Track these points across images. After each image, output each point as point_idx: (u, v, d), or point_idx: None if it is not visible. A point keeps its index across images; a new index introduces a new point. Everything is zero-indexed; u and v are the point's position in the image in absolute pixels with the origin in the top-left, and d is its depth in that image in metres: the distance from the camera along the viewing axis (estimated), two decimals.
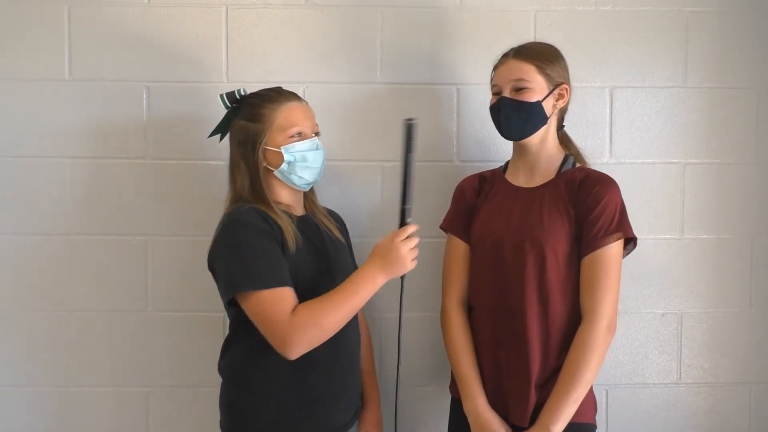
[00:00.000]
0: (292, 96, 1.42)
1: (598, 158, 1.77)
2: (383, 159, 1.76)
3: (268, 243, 1.29)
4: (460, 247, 1.54)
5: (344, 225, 1.60)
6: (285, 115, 1.38)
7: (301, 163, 1.39)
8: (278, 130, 1.37)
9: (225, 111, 1.45)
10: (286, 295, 1.27)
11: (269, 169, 1.39)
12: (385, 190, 1.77)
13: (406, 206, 1.33)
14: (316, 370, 1.35)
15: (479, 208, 1.53)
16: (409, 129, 1.29)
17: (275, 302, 1.25)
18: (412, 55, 1.75)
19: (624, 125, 1.78)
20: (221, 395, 1.42)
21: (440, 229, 1.64)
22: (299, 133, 1.39)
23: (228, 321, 1.43)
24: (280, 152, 1.37)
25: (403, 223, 1.34)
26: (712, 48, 1.78)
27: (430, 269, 1.74)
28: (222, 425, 1.41)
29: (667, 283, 1.80)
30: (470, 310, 1.54)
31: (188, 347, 1.76)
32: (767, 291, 1.81)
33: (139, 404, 1.76)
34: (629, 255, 1.75)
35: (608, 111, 1.78)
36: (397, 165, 1.74)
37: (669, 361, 1.81)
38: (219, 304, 1.42)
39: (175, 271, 1.75)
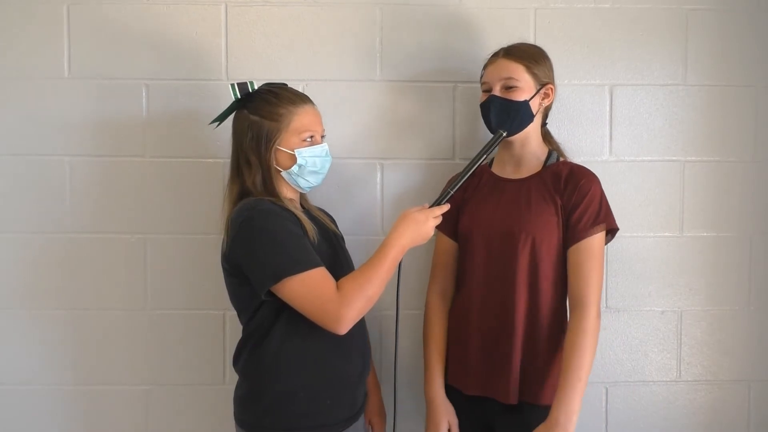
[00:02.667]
0: (307, 98, 1.44)
1: (598, 156, 1.77)
2: (382, 157, 1.76)
3: (295, 228, 1.32)
4: (446, 243, 1.62)
5: (335, 222, 1.61)
6: (301, 118, 1.39)
7: (311, 167, 1.40)
8: (294, 132, 1.38)
9: (226, 104, 1.43)
10: (326, 274, 1.30)
11: (277, 169, 1.40)
12: (384, 188, 1.77)
13: (452, 191, 1.42)
14: (341, 355, 1.38)
15: (467, 202, 1.59)
16: (498, 138, 1.45)
17: (321, 281, 1.28)
18: (411, 52, 1.75)
19: (624, 123, 1.78)
20: (240, 393, 1.41)
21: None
22: (311, 137, 1.40)
23: (227, 318, 1.43)
24: (293, 155, 1.38)
25: (438, 201, 1.42)
26: (711, 46, 1.78)
27: (425, 268, 1.74)
28: (243, 423, 1.39)
29: (666, 281, 1.80)
30: (461, 298, 1.58)
31: (187, 345, 1.76)
32: (766, 289, 1.81)
33: (139, 402, 1.76)
34: (628, 253, 1.78)
35: (608, 109, 1.78)
36: (396, 162, 1.76)
37: (668, 358, 1.81)
38: (218, 301, 1.43)
39: (173, 269, 1.75)
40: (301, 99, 1.42)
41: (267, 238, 1.28)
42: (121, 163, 1.73)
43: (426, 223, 1.37)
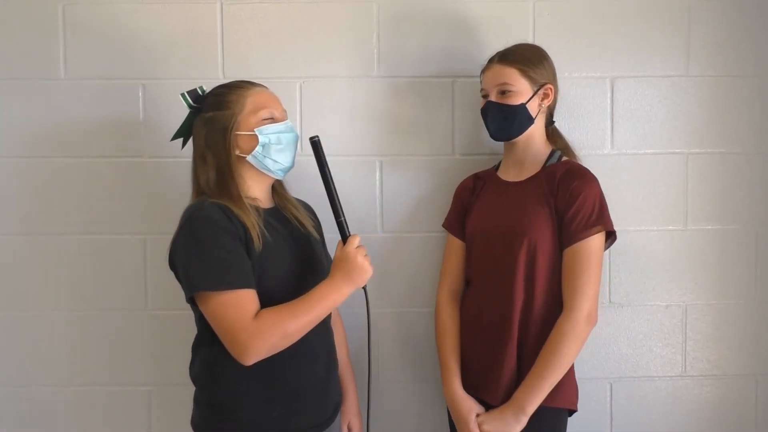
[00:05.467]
0: (260, 84, 1.40)
1: (599, 149, 1.75)
2: (381, 154, 1.75)
3: (230, 241, 1.23)
4: (456, 244, 1.62)
5: (316, 216, 1.56)
6: (254, 99, 1.34)
7: (276, 145, 1.34)
8: (250, 113, 1.33)
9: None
10: (248, 298, 1.22)
11: (241, 156, 1.33)
12: (383, 185, 1.75)
13: (341, 219, 1.34)
14: (293, 368, 1.31)
15: (473, 205, 1.60)
16: (315, 146, 1.33)
17: (237, 305, 1.20)
18: (408, 47, 1.73)
19: (625, 115, 1.76)
20: (195, 395, 1.37)
21: (442, 227, 1.69)
22: (271, 117, 1.35)
23: None
24: (254, 134, 1.32)
25: (344, 235, 1.34)
26: (714, 36, 1.75)
27: (429, 264, 1.74)
28: (196, 425, 1.36)
29: (671, 275, 1.78)
30: (465, 298, 1.60)
31: (188, 345, 1.74)
32: None
33: (141, 403, 1.76)
34: (632, 247, 1.76)
35: (609, 101, 1.76)
36: (395, 159, 1.75)
37: (673, 353, 1.80)
38: None
39: None
40: (252, 84, 1.38)
41: (193, 247, 1.23)
42: (119, 163, 1.73)
43: (352, 261, 1.28)
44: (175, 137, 1.43)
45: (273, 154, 1.34)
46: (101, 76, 1.71)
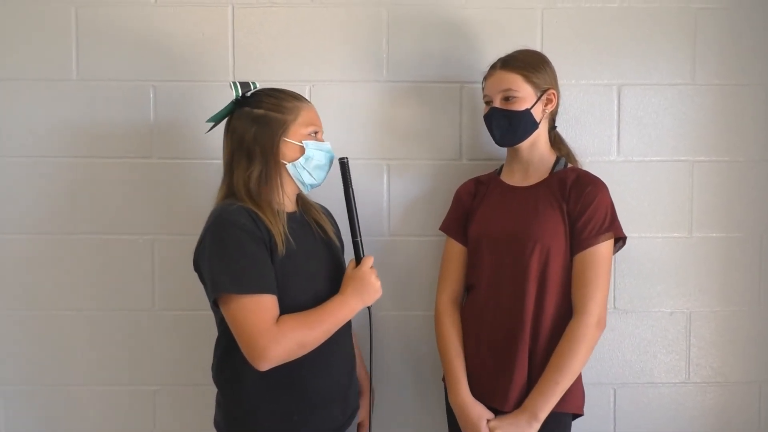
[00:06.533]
0: (308, 99, 1.43)
1: (605, 156, 1.76)
2: (388, 157, 1.76)
3: (256, 247, 1.25)
4: (456, 248, 1.61)
5: (335, 221, 1.57)
6: (307, 112, 1.38)
7: (317, 161, 1.38)
8: (301, 124, 1.36)
9: (226, 102, 1.41)
10: (270, 304, 1.24)
11: (282, 162, 1.36)
12: (391, 188, 1.76)
13: (358, 239, 1.40)
14: (314, 375, 1.33)
15: (476, 209, 1.59)
16: (343, 167, 1.41)
17: (258, 310, 1.22)
18: (417, 53, 1.75)
19: (632, 123, 1.77)
20: (217, 397, 1.40)
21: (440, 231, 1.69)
22: (316, 133, 1.39)
23: None
24: (301, 146, 1.35)
25: (359, 255, 1.38)
26: (720, 45, 1.77)
27: (435, 268, 1.74)
28: (218, 426, 1.38)
29: (675, 282, 1.79)
30: (468, 304, 1.59)
31: (195, 346, 1.76)
32: None
33: (146, 402, 1.77)
34: (637, 254, 1.76)
35: (616, 108, 1.77)
36: (402, 163, 1.76)
37: (677, 360, 1.80)
38: None
39: (181, 270, 1.74)
40: (304, 97, 1.41)
41: (218, 250, 1.24)
42: (128, 164, 1.74)
43: (366, 280, 1.34)
44: (210, 120, 1.43)
45: (312, 168, 1.38)
46: (113, 78, 1.73)
